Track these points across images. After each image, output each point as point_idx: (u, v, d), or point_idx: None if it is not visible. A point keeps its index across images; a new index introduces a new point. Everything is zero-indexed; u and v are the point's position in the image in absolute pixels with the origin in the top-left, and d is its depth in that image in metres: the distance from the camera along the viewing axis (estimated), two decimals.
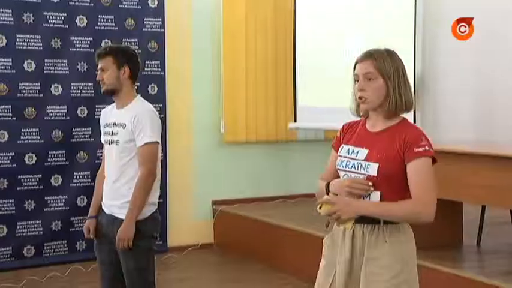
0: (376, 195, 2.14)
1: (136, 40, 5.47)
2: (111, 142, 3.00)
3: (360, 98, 2.20)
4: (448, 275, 3.66)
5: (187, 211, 5.77)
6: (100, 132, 3.18)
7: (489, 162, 3.66)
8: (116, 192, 2.97)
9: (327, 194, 2.23)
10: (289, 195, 6.15)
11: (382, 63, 2.16)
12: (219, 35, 5.94)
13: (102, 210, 3.06)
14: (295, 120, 5.62)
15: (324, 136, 6.49)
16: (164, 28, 5.60)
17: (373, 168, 2.13)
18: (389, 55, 2.20)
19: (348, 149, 2.24)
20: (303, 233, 4.80)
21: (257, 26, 6.04)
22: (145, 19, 5.53)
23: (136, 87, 3.11)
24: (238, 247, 5.51)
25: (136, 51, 3.17)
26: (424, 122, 5.04)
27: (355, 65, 2.25)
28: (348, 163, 2.21)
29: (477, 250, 4.32)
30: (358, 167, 2.17)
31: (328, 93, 5.43)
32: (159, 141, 2.99)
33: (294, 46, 5.60)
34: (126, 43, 5.34)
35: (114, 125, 3.00)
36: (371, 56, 2.19)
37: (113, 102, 3.10)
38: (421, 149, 2.11)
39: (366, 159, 2.16)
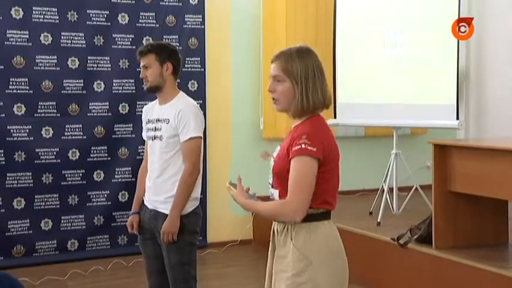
0: (276, 194, 2.18)
1: (177, 37, 5.52)
2: (155, 138, 3.02)
3: (272, 98, 2.21)
4: (493, 274, 3.58)
5: (227, 207, 5.79)
6: (141, 129, 3.22)
7: None
8: (160, 188, 3.00)
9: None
10: None
11: (289, 66, 2.12)
12: (258, 31, 5.94)
13: (145, 205, 3.09)
14: (334, 117, 5.57)
15: (364, 133, 6.43)
16: (204, 25, 5.63)
17: (271, 167, 2.19)
18: (300, 55, 2.14)
19: (276, 148, 2.27)
20: (340, 230, 4.74)
21: (297, 22, 6.01)
22: (185, 16, 5.57)
23: (176, 84, 3.14)
24: None
25: (176, 47, 3.20)
26: (468, 118, 4.94)
27: (271, 64, 2.22)
28: (271, 161, 2.25)
29: None
30: (271, 165, 2.22)
31: (368, 90, 5.36)
32: (202, 136, 3.01)
33: (334, 42, 5.55)
34: (166, 40, 5.39)
35: (158, 120, 3.02)
36: (280, 57, 2.16)
37: (154, 98, 3.14)
38: (296, 148, 2.06)
39: (275, 158, 2.21)
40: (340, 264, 2.16)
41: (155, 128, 3.04)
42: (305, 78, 2.11)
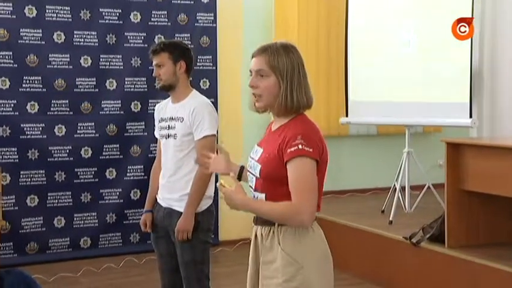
0: (262, 197, 2.06)
1: (189, 35, 5.52)
2: (168, 136, 3.02)
3: (253, 94, 2.08)
4: (507, 273, 3.55)
5: None
6: (153, 127, 3.22)
7: None
8: (174, 186, 3.00)
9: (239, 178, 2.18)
10: (339, 190, 6.10)
11: (275, 60, 2.02)
12: (270, 30, 5.93)
13: (158, 203, 3.09)
14: (346, 115, 5.55)
15: (376, 131, 6.40)
16: (216, 23, 5.63)
17: (257, 170, 2.06)
18: (286, 51, 2.04)
19: (254, 149, 2.16)
20: (352, 228, 4.75)
21: (309, 20, 6.00)
22: (197, 14, 5.58)
23: (189, 82, 3.14)
24: None
25: (189, 45, 3.20)
26: (482, 116, 4.90)
27: (251, 59, 2.10)
28: (250, 162, 2.14)
29: None
30: (253, 166, 2.11)
31: (380, 88, 5.34)
32: (216, 134, 3.01)
33: (346, 40, 5.53)
34: (178, 38, 5.40)
35: (171, 119, 3.02)
36: (265, 51, 2.05)
37: (167, 97, 3.14)
38: (293, 149, 1.95)
39: (258, 159, 2.08)
40: (329, 266, 2.09)
41: (168, 126, 3.03)
42: (291, 75, 2.02)
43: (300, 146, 1.95)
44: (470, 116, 4.79)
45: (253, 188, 2.11)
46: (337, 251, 5.14)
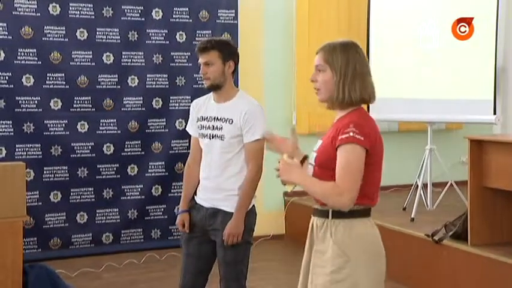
0: None
1: (210, 32, 5.53)
2: (213, 137, 2.96)
3: (314, 88, 2.24)
4: None
5: (259, 202, 5.71)
6: (186, 123, 3.18)
7: None
8: (220, 187, 2.95)
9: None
10: None
11: (330, 56, 2.17)
12: (291, 26, 5.91)
13: (198, 204, 3.03)
14: (368, 111, 5.51)
15: (398, 128, 6.35)
16: (237, 20, 5.63)
17: (313, 158, 2.20)
18: (343, 48, 2.19)
19: (318, 142, 2.28)
20: None
21: (330, 17, 5.97)
22: (218, 11, 5.58)
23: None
24: None
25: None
26: (506, 113, 4.84)
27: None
28: (311, 155, 2.25)
29: None
30: (312, 157, 2.22)
31: (401, 85, 5.30)
32: None
33: (368, 37, 5.49)
34: (200, 35, 5.42)
35: (217, 119, 2.96)
36: (324, 48, 2.22)
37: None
38: (344, 136, 2.08)
39: (316, 150, 2.21)
40: (380, 265, 2.15)
41: (213, 126, 2.97)
42: (344, 70, 2.15)
43: (351, 134, 2.07)
44: (494, 113, 4.73)
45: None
46: None
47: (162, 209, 5.46)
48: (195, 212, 3.04)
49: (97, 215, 5.30)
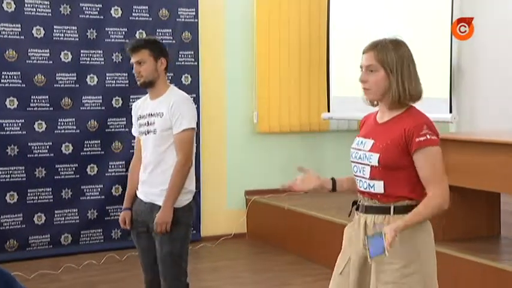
0: (379, 185, 2.16)
1: (170, 30, 5.50)
2: (148, 132, 3.03)
3: (363, 88, 2.23)
4: (485, 267, 3.60)
5: (221, 201, 5.80)
6: (131, 125, 3.22)
7: None
8: (155, 180, 3.01)
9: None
10: None
11: (384, 55, 2.16)
12: (252, 24, 5.93)
13: (139, 198, 3.10)
14: (328, 110, 5.57)
15: (357, 126, 6.43)
16: (198, 18, 5.62)
17: (374, 159, 2.16)
18: (395, 46, 2.19)
19: (358, 141, 2.28)
20: (335, 223, 4.77)
21: (290, 15, 6.00)
22: (179, 9, 5.55)
23: (170, 78, 3.14)
24: (271, 237, 5.51)
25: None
26: (461, 111, 4.96)
27: (362, 55, 2.27)
28: (356, 154, 2.25)
29: None
30: (363, 157, 2.21)
31: (358, 84, 5.36)
32: (195, 127, 3.02)
33: (328, 36, 5.56)
34: (160, 33, 5.38)
35: (151, 115, 3.03)
36: (375, 47, 2.19)
37: (146, 93, 3.14)
38: (422, 138, 2.10)
39: (370, 149, 2.19)
40: (435, 260, 2.22)
41: (148, 122, 3.04)
42: (400, 69, 2.15)
43: (428, 136, 2.10)
44: (450, 111, 4.84)
45: (368, 177, 2.19)
46: (318, 246, 5.16)
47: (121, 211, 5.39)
48: (137, 207, 3.10)
49: (55, 215, 5.21)
